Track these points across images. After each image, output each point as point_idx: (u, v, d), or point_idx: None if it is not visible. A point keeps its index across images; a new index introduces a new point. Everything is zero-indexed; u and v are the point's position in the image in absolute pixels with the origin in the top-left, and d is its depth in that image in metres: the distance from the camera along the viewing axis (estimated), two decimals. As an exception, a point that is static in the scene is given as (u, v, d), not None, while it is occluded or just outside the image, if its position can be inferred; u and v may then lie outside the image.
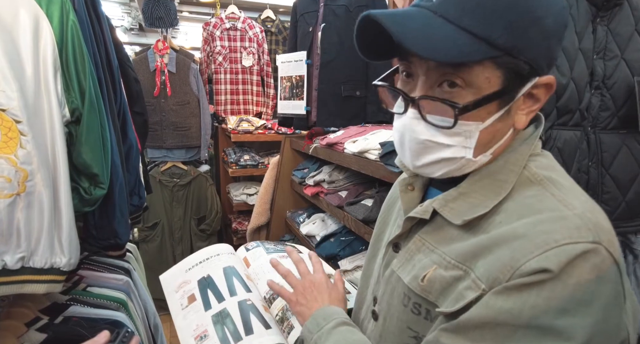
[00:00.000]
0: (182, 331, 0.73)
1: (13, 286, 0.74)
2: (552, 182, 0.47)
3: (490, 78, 0.44)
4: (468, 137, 0.47)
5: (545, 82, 0.47)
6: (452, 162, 0.49)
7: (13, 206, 0.71)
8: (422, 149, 0.49)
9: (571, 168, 1.13)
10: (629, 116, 1.12)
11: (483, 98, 0.45)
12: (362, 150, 1.32)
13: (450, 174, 0.50)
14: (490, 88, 0.45)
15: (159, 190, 2.67)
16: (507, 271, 0.41)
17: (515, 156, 0.49)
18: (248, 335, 0.68)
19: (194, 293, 0.79)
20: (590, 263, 0.39)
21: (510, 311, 0.40)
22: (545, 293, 0.39)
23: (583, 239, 0.40)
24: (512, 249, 0.42)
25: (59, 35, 0.77)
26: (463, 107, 0.45)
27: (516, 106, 0.48)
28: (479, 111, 0.46)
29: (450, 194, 0.51)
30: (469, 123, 0.46)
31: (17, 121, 0.70)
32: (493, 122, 0.47)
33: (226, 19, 2.85)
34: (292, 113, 2.09)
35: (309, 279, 0.70)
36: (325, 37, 1.89)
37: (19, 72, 0.71)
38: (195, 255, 0.90)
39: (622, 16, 1.11)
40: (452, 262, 0.47)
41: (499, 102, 0.46)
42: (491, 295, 0.42)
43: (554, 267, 0.39)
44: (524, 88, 0.47)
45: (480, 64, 0.44)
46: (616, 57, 1.11)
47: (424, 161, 0.50)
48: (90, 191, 0.84)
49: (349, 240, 1.63)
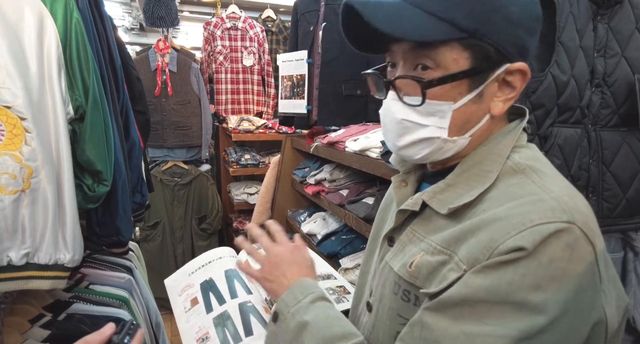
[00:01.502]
0: (185, 334, 0.75)
1: (18, 281, 0.74)
2: (534, 170, 0.49)
3: (457, 59, 0.48)
4: (442, 117, 0.50)
5: (518, 68, 0.49)
6: (430, 143, 0.52)
7: (18, 202, 0.71)
8: (401, 129, 0.52)
9: (572, 166, 1.13)
10: (630, 114, 1.13)
11: (449, 75, 0.48)
12: (363, 148, 1.33)
13: (432, 157, 0.53)
14: (458, 68, 0.48)
15: (160, 189, 2.68)
16: (487, 251, 0.43)
17: (499, 147, 0.52)
18: (248, 336, 0.69)
19: (197, 296, 0.81)
20: (562, 241, 0.41)
21: (488, 289, 0.42)
22: (521, 270, 0.41)
23: (557, 219, 0.42)
24: (492, 231, 0.44)
25: (63, 33, 0.78)
26: (428, 81, 0.49)
27: (491, 92, 0.51)
28: (450, 91, 0.49)
29: (439, 186, 0.53)
30: (440, 102, 0.49)
31: (22, 118, 0.71)
32: (466, 103, 0.50)
33: (227, 19, 2.85)
34: (293, 112, 2.09)
35: (273, 253, 0.70)
36: (326, 36, 1.89)
37: (23, 70, 0.71)
38: (198, 259, 0.91)
39: (623, 14, 1.11)
40: (437, 248, 0.50)
41: (470, 83, 0.49)
42: (470, 274, 0.44)
43: (528, 245, 0.41)
44: (495, 72, 0.49)
45: (447, 45, 0.48)
46: (617, 55, 1.11)
47: (403, 142, 0.53)
48: (94, 188, 0.84)
49: (350, 238, 1.63)
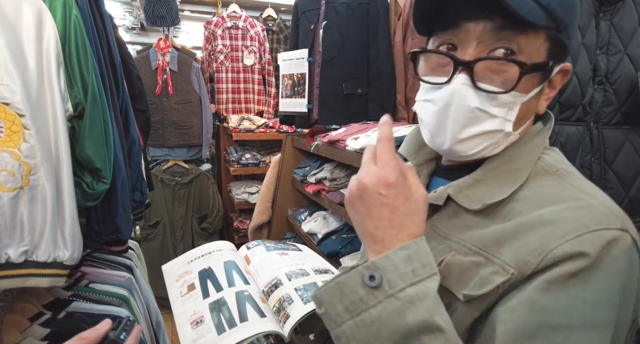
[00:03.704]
0: (179, 317, 0.75)
1: (17, 279, 0.74)
2: (567, 173, 0.47)
3: (540, 48, 0.45)
4: (510, 109, 0.47)
5: (567, 68, 0.49)
6: (491, 137, 0.48)
7: (16, 199, 0.71)
8: (470, 119, 0.47)
9: (574, 164, 1.11)
10: (632, 112, 1.12)
11: (538, 64, 0.45)
12: (364, 147, 1.32)
13: (483, 153, 0.49)
14: (539, 59, 0.45)
15: (161, 188, 2.68)
16: (538, 254, 0.41)
17: (530, 146, 0.50)
18: (242, 322, 0.69)
19: (194, 282, 0.81)
20: (621, 250, 0.40)
21: (563, 310, 0.39)
22: (592, 287, 0.39)
23: (612, 226, 0.40)
24: (541, 234, 0.42)
25: (62, 29, 0.77)
26: (531, 65, 0.44)
27: (545, 89, 0.49)
28: (526, 82, 0.46)
29: (465, 181, 0.50)
30: (517, 93, 0.46)
31: (20, 115, 0.70)
32: (531, 97, 0.47)
33: (228, 18, 2.85)
34: (294, 111, 2.09)
35: (382, 179, 0.43)
36: (326, 34, 1.89)
37: (22, 66, 0.71)
38: (198, 249, 0.92)
39: (626, 11, 1.11)
40: (472, 248, 0.46)
41: (540, 76, 0.47)
42: (534, 292, 0.40)
43: (590, 251, 0.39)
44: (556, 68, 0.48)
45: (537, 32, 0.44)
46: (619, 52, 1.11)
47: (468, 133, 0.47)
48: (93, 185, 0.84)
49: (350, 237, 1.63)
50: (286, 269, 0.85)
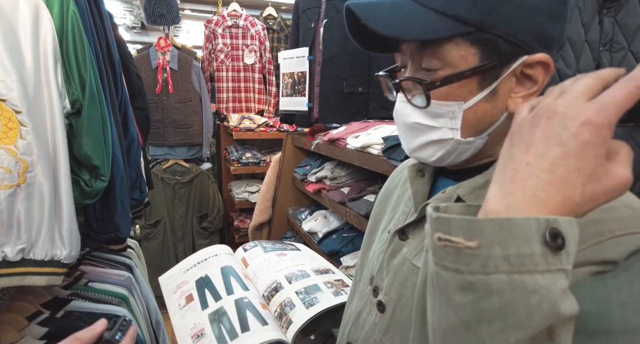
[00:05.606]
0: (179, 330, 0.74)
1: (14, 277, 0.73)
2: None
3: (465, 56, 0.44)
4: (452, 117, 0.47)
5: (538, 59, 0.44)
6: (443, 145, 0.49)
7: (13, 197, 0.70)
8: (413, 131, 0.50)
9: (577, 162, 1.11)
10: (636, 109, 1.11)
11: (453, 75, 0.45)
12: (364, 145, 1.31)
13: (449, 159, 0.50)
14: (466, 66, 0.44)
15: (161, 188, 2.67)
16: None
17: None
18: (244, 332, 0.68)
19: (192, 292, 0.80)
20: None
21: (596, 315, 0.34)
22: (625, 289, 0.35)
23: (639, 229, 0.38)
24: None
25: (59, 25, 0.76)
26: (429, 83, 0.45)
27: (507, 88, 0.46)
28: (459, 90, 0.45)
29: (477, 181, 0.49)
30: (449, 103, 0.46)
31: (17, 112, 0.69)
32: (478, 102, 0.46)
33: (228, 17, 2.84)
34: (294, 110, 2.08)
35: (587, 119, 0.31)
36: (327, 33, 1.88)
37: (18, 62, 0.70)
38: (193, 256, 0.91)
39: (629, 7, 1.09)
40: None
41: (480, 80, 0.45)
42: None
43: (617, 257, 0.36)
44: (510, 66, 0.45)
45: (452, 42, 0.44)
46: (623, 49, 1.10)
47: (415, 144, 0.51)
48: (91, 183, 0.83)
49: (351, 236, 1.62)
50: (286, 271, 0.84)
